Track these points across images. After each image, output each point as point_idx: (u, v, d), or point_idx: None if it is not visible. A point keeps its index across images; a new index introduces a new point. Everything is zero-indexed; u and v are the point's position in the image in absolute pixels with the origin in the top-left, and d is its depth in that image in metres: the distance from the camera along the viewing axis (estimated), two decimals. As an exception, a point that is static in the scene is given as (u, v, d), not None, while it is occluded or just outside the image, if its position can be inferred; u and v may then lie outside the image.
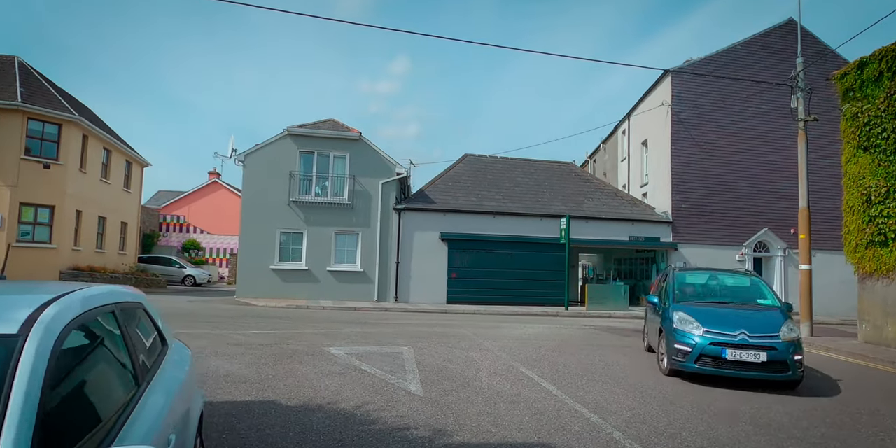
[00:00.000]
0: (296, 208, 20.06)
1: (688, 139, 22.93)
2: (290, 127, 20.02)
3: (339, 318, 14.40)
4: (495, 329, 13.38)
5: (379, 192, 20.53)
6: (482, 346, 10.30)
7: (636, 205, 23.43)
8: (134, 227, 27.03)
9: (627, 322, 17.35)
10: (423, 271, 20.62)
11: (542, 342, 11.32)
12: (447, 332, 12.33)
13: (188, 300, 17.88)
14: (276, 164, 19.96)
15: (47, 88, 19.98)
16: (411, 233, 20.73)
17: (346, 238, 20.44)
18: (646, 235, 22.48)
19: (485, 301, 20.64)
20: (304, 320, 13.53)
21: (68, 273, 19.58)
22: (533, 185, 23.35)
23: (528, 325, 14.70)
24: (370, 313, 16.71)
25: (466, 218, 21.14)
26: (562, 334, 12.97)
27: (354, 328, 12.27)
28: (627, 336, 13.25)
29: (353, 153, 20.54)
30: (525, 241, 21.29)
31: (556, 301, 21.13)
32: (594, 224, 22.07)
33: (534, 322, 16.03)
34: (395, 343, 10.24)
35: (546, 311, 18.87)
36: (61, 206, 19.57)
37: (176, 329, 10.56)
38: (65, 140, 19.51)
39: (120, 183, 25.01)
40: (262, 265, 19.66)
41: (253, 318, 13.56)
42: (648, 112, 25.07)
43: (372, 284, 20.25)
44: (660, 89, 23.97)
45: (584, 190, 23.72)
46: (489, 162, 24.26)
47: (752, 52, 23.59)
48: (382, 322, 13.95)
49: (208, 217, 41.29)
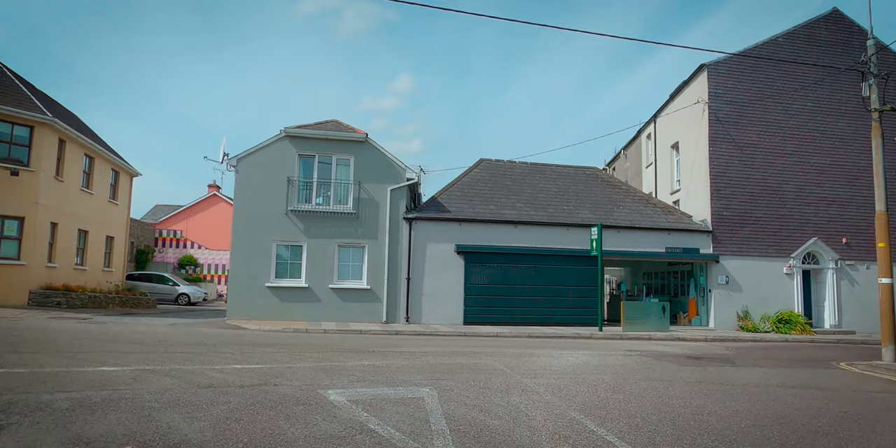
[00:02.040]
0: (294, 218, 17.95)
1: (727, 139, 20.78)
2: (288, 127, 17.98)
3: (343, 345, 12.18)
4: (529, 358, 11.13)
5: (387, 200, 18.40)
6: (523, 386, 8.06)
7: (671, 212, 21.20)
8: (122, 242, 24.96)
9: (674, 346, 15.04)
10: (437, 288, 18.41)
11: (594, 377, 9.06)
12: (473, 363, 10.09)
13: (169, 323, 15.70)
14: (272, 169, 17.90)
15: (19, 87, 18.06)
16: (423, 245, 18.56)
17: (351, 251, 18.27)
18: (683, 246, 20.22)
19: (506, 321, 18.38)
20: (301, 348, 11.33)
21: (39, 293, 17.47)
22: (557, 192, 21.19)
23: (565, 353, 12.43)
24: (378, 338, 14.48)
25: (484, 228, 18.97)
26: (611, 365, 10.70)
27: (360, 359, 10.05)
28: (686, 366, 11.00)
29: (359, 157, 18.46)
30: (550, 254, 19.08)
31: (586, 321, 18.87)
32: (626, 234, 19.85)
33: (568, 347, 13.76)
34: (411, 382, 8.02)
35: (578, 333, 16.59)
36: (32, 217, 17.53)
37: (138, 364, 8.36)
38: (37, 144, 17.53)
39: (105, 193, 23.00)
40: (256, 283, 17.50)
41: (240, 346, 11.36)
42: (679, 112, 22.99)
43: (380, 303, 18.03)
44: (694, 86, 21.88)
45: (612, 197, 21.53)
46: (507, 167, 22.14)
47: (795, 44, 21.52)
48: (393, 350, 11.72)
49: (207, 232, 39.34)
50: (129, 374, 7.70)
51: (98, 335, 11.83)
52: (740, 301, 20.28)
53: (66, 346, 10.04)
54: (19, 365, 8.02)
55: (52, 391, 6.57)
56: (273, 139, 18.03)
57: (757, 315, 20.14)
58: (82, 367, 8.10)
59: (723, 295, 20.24)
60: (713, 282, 20.31)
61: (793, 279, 20.71)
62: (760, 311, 20.17)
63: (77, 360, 8.58)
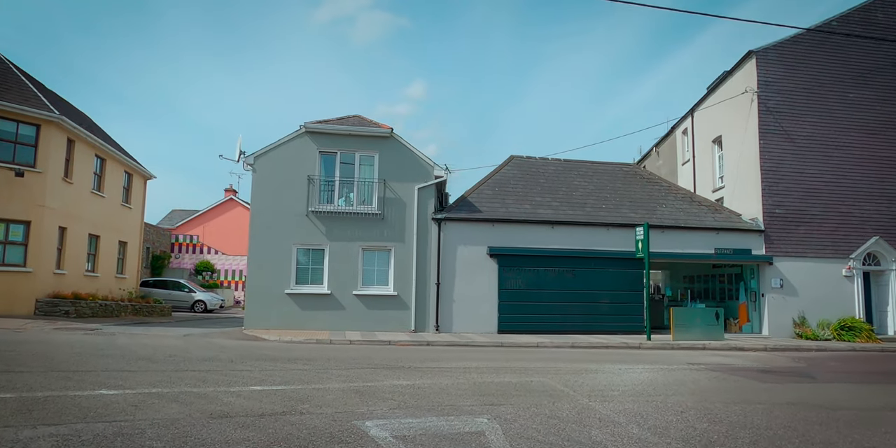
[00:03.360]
0: (315, 220, 16.76)
1: (778, 131, 19.25)
2: (308, 123, 16.80)
3: (373, 360, 10.90)
4: (587, 375, 9.76)
5: (414, 200, 17.15)
6: (598, 414, 6.71)
7: (718, 211, 19.69)
8: (135, 248, 23.99)
9: (735, 357, 13.57)
10: (469, 294, 17.09)
11: (674, 401, 7.68)
12: (526, 382, 8.76)
13: (183, 334, 14.55)
14: (291, 168, 16.74)
15: (24, 83, 17.11)
16: (454, 247, 17.27)
17: (376, 255, 17.03)
18: (734, 247, 18.69)
19: (543, 330, 17.00)
20: (327, 363, 10.08)
21: (46, 301, 16.44)
22: (593, 190, 19.79)
23: (624, 368, 11.04)
24: (410, 350, 13.19)
25: (519, 229, 17.63)
26: (683, 383, 9.30)
27: (396, 377, 8.77)
28: (764, 382, 9.62)
29: (384, 153, 17.24)
30: (590, 256, 17.68)
31: (630, 328, 17.44)
32: (671, 235, 18.39)
33: (622, 359, 12.36)
34: (463, 409, 6.71)
35: (625, 343, 15.16)
36: (39, 221, 16.53)
37: (143, 386, 7.11)
38: (44, 143, 16.54)
39: (118, 196, 22.03)
40: (275, 289, 16.31)
41: (259, 361, 10.14)
42: (721, 104, 21.49)
43: (408, 311, 16.75)
44: (740, 74, 20.37)
45: (653, 195, 20.08)
46: (540, 164, 20.79)
47: (850, 29, 19.94)
48: (430, 365, 10.42)
49: (223, 237, 38.47)
50: (132, 399, 6.51)
51: (103, 349, 10.69)
52: (796, 306, 18.70)
53: (66, 363, 8.89)
54: (7, 388, 6.88)
55: (35, 424, 5.39)
56: (292, 135, 16.87)
57: (814, 321, 18.55)
58: (79, 390, 6.93)
59: (777, 299, 18.67)
60: (766, 285, 18.76)
61: (852, 282, 19.09)
62: (818, 316, 18.59)
63: (74, 382, 7.41)
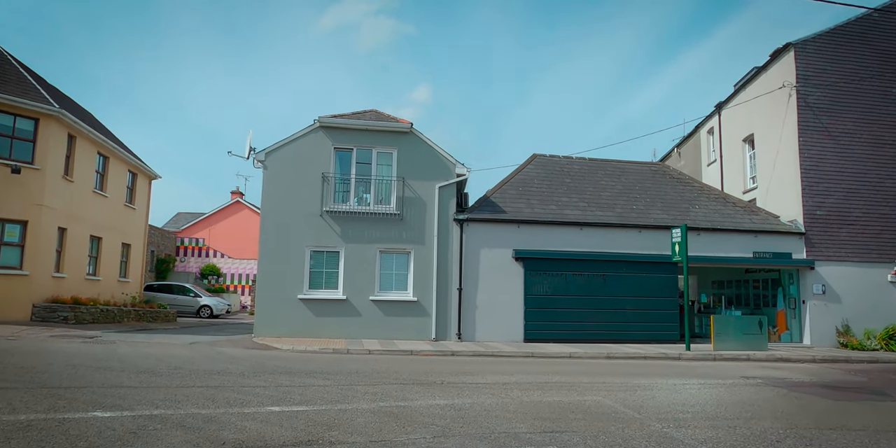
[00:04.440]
0: (330, 220, 15.75)
1: (818, 128, 18.16)
2: (323, 117, 15.81)
3: (400, 373, 9.84)
4: (641, 392, 8.68)
5: (435, 199, 16.12)
6: (679, 443, 5.64)
7: (754, 212, 18.58)
8: (139, 250, 23.03)
9: (785, 369, 12.46)
10: (493, 300, 16.03)
11: (757, 426, 6.58)
12: (579, 402, 7.69)
13: (189, 342, 13.52)
14: (304, 165, 15.75)
15: (24, 76, 16.18)
16: (476, 250, 16.22)
17: (395, 258, 16.00)
18: (773, 251, 17.59)
19: (572, 338, 15.92)
20: (350, 378, 9.03)
21: (44, 306, 15.46)
22: (622, 190, 18.72)
23: (677, 383, 9.95)
24: (435, 361, 12.13)
25: (546, 231, 16.57)
26: (751, 402, 8.20)
27: (431, 395, 7.71)
28: (838, 400, 8.58)
29: (402, 150, 16.23)
30: (621, 259, 16.60)
31: (664, 337, 16.36)
32: (707, 237, 17.30)
33: (669, 373, 11.26)
34: (520, 437, 5.64)
35: (664, 353, 14.06)
36: (37, 221, 15.56)
37: (144, 407, 5.92)
38: (42, 139, 15.60)
39: (121, 197, 21.08)
40: (287, 294, 15.29)
41: (274, 375, 9.10)
42: (754, 101, 20.41)
43: (428, 317, 15.70)
44: (776, 69, 19.31)
45: (685, 195, 19.00)
46: (564, 163, 19.74)
47: (893, 20, 18.87)
48: (464, 380, 9.35)
49: (230, 240, 37.54)
50: (130, 424, 5.48)
51: (102, 360, 9.67)
52: (839, 313, 17.56)
53: (59, 377, 7.87)
54: (-17, 410, 5.86)
55: (9, 461, 4.38)
56: (305, 130, 15.88)
57: (858, 330, 17.40)
58: (69, 411, 5.91)
59: (819, 307, 17.54)
60: (807, 291, 17.63)
61: (898, 287, 17.94)
62: (862, 325, 17.43)
63: (65, 401, 6.40)
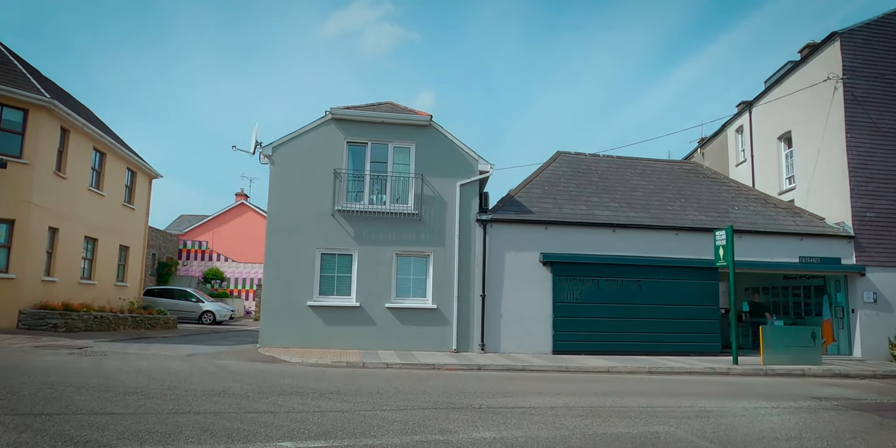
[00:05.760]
0: (342, 220, 14.51)
1: (867, 124, 16.88)
2: (335, 108, 14.59)
3: (428, 393, 8.53)
4: (714, 420, 7.35)
5: (456, 198, 14.87)
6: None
7: (797, 214, 17.26)
8: (139, 253, 21.83)
9: (852, 386, 11.11)
10: (519, 308, 14.75)
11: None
12: (650, 434, 6.39)
13: (187, 353, 12.25)
14: (315, 160, 14.52)
15: (13, 64, 15.04)
16: (501, 254, 14.95)
17: (413, 261, 14.73)
18: (820, 255, 16.26)
19: (605, 349, 14.62)
20: (371, 399, 7.74)
21: (31, 313, 14.23)
22: (655, 190, 17.44)
23: (747, 406, 8.62)
24: (463, 377, 10.83)
25: (575, 232, 15.30)
26: (852, 432, 6.88)
27: (473, 425, 6.40)
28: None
29: (421, 144, 14.99)
30: (658, 264, 15.31)
31: (703, 348, 15.08)
32: (749, 240, 15.99)
33: (730, 392, 9.94)
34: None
35: (711, 368, 12.73)
36: (25, 220, 14.37)
37: (126, 443, 4.77)
38: (32, 131, 14.42)
39: (119, 196, 19.90)
40: (295, 301, 14.03)
41: (283, 396, 7.82)
42: (792, 96, 19.13)
43: (448, 327, 14.41)
44: (819, 60, 18.03)
45: (722, 195, 17.71)
46: (590, 161, 18.48)
47: (946, 7, 17.60)
48: (505, 402, 8.04)
49: (234, 243, 36.42)
50: (103, 471, 4.23)
51: (86, 377, 8.42)
52: (891, 323, 16.20)
53: (30, 399, 6.62)
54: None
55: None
56: (316, 123, 14.67)
57: (912, 341, 16.06)
58: (27, 452, 4.68)
59: (870, 316, 16.19)
60: (856, 300, 16.29)
61: (954, 296, 16.58)
62: (916, 336, 16.10)
63: (30, 434, 5.16)
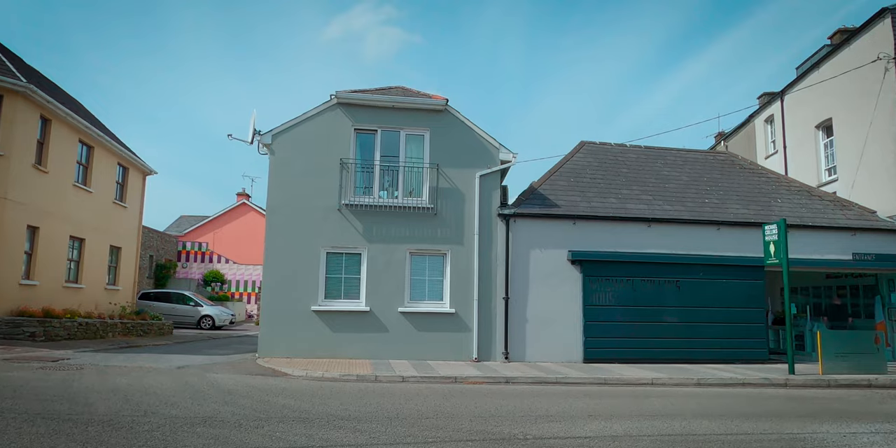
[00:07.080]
0: (350, 215, 13.11)
1: (923, 108, 15.41)
2: (341, 92, 13.19)
3: (455, 419, 7.10)
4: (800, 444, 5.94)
5: (475, 190, 13.45)
6: None
7: (846, 207, 15.81)
8: (132, 254, 20.48)
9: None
10: (546, 311, 13.32)
11: None
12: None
13: (178, 365, 10.85)
14: (319, 149, 13.12)
15: (-14, 46, 13.72)
16: (525, 251, 13.53)
17: (428, 261, 13.31)
18: (874, 252, 14.81)
19: (641, 357, 13.18)
20: (389, 429, 6.33)
21: (6, 320, 12.87)
22: (689, 182, 16.02)
23: (840, 430, 7.16)
24: (490, 393, 9.39)
25: (606, 228, 13.87)
26: None
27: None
28: None
29: (436, 132, 13.58)
30: (698, 262, 13.86)
31: (750, 356, 13.69)
32: (797, 236, 14.46)
33: (805, 411, 8.49)
34: None
35: (766, 379, 11.27)
36: (-1, 218, 13.04)
37: None
38: (6, 119, 13.07)
39: (109, 193, 18.55)
40: (298, 305, 12.63)
41: (283, 424, 6.41)
42: (833, 81, 17.69)
43: (468, 333, 12.99)
44: (866, 40, 16.59)
45: (762, 187, 16.26)
46: (617, 151, 17.06)
47: None
48: (555, 431, 6.60)
49: (235, 244, 35.03)
50: None
51: (48, 400, 7.03)
52: (953, 326, 14.76)
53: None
54: None
55: None
56: (321, 108, 13.27)
57: (975, 346, 14.59)
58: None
59: (930, 318, 14.74)
60: (915, 300, 14.85)
61: None
62: (980, 340, 14.62)
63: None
